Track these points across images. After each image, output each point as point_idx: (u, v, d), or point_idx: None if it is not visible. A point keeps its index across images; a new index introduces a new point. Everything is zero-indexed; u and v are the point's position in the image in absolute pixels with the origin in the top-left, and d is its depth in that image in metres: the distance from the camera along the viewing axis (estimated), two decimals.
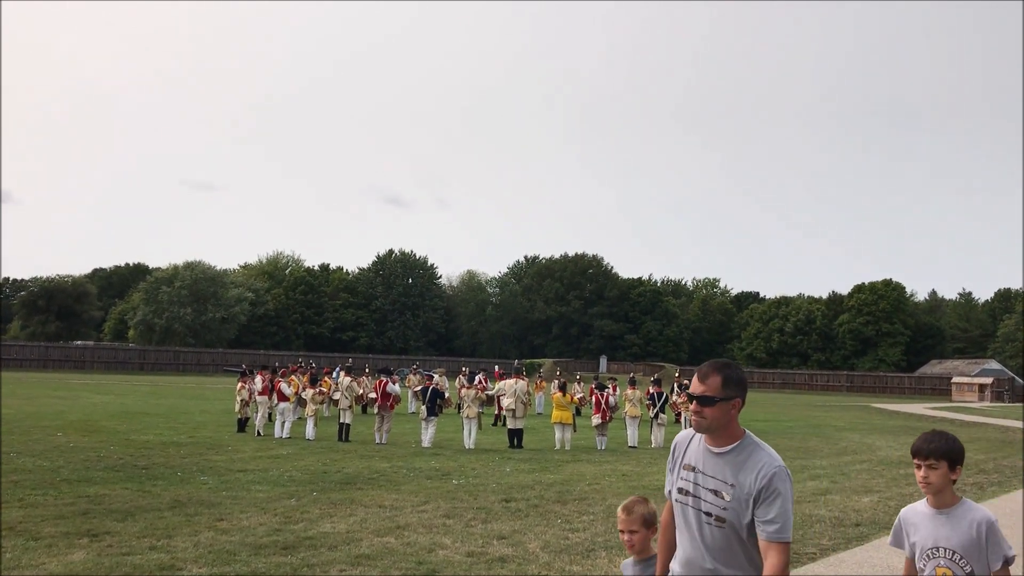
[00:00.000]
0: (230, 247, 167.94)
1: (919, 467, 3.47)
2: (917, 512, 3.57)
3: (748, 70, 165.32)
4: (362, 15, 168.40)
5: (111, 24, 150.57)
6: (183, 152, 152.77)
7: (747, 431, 3.19)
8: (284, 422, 19.81)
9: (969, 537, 3.36)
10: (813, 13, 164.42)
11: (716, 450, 3.16)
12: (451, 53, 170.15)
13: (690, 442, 3.31)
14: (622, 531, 3.80)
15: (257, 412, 20.93)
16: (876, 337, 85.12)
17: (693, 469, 3.21)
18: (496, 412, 25.50)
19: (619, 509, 3.82)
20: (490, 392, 26.55)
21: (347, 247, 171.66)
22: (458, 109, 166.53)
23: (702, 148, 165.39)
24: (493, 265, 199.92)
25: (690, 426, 3.33)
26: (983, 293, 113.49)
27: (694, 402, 3.13)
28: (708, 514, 3.10)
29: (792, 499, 3.06)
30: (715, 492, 3.10)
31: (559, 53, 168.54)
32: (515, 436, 19.24)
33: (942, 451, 3.42)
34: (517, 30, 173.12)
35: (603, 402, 19.80)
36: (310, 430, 19.44)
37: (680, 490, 3.24)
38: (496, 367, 36.62)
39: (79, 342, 75.33)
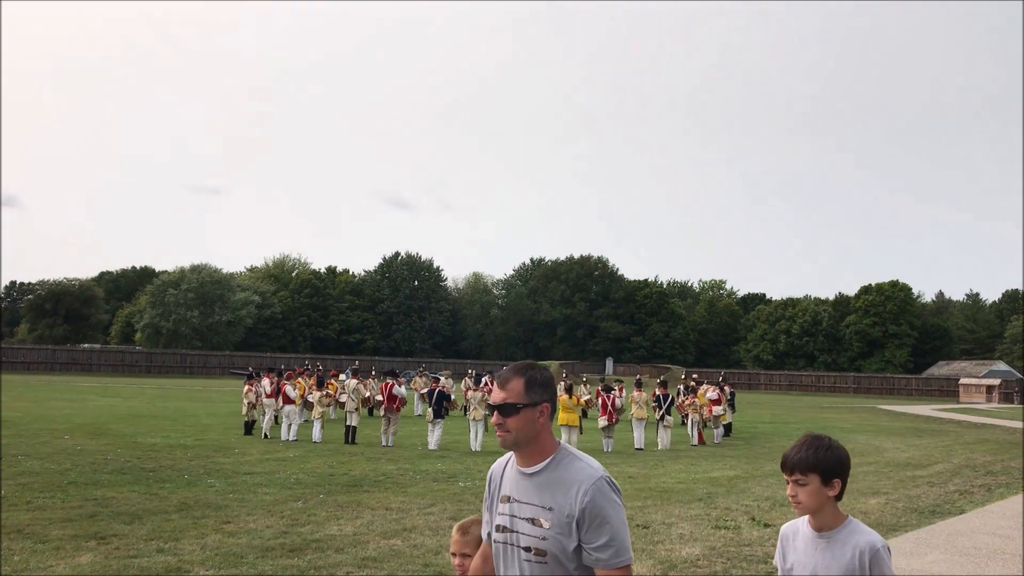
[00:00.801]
0: (236, 250, 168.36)
1: (787, 482, 2.90)
2: (798, 532, 2.98)
3: (755, 71, 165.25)
4: (367, 19, 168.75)
5: (117, 27, 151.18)
6: (189, 156, 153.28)
7: (561, 443, 2.72)
8: (291, 425, 19.84)
9: (851, 566, 2.79)
10: (820, 11, 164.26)
11: (528, 470, 2.68)
12: (455, 56, 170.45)
13: (505, 469, 2.80)
14: (454, 553, 3.23)
15: (264, 415, 20.97)
16: (883, 338, 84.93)
17: (509, 499, 2.71)
18: None
19: (455, 528, 3.26)
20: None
21: (353, 250, 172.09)
22: (462, 111, 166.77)
23: (708, 149, 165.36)
24: (499, 267, 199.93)
25: (692, 427, 3.17)
26: (990, 294, 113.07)
27: (494, 413, 2.67)
28: (527, 548, 2.61)
29: (624, 511, 2.62)
30: (532, 521, 2.62)
31: (564, 54, 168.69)
32: None
33: (809, 463, 2.82)
34: (522, 32, 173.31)
35: (609, 404, 19.78)
36: (317, 433, 19.47)
37: (498, 527, 2.73)
38: (504, 368, 36.60)
39: (86, 345, 75.55)
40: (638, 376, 28.68)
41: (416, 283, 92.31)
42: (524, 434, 2.66)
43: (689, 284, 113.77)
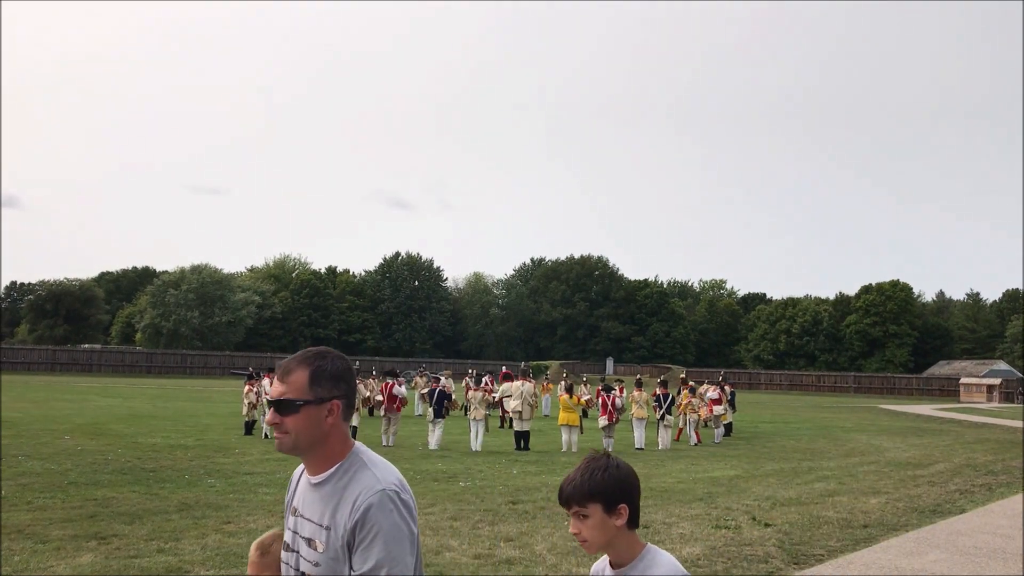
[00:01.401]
0: (237, 250, 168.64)
1: (568, 518, 2.41)
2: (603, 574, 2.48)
3: (755, 71, 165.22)
4: (367, 19, 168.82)
5: (117, 27, 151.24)
6: (190, 156, 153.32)
7: (358, 445, 2.29)
8: None
9: None
10: (820, 12, 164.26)
11: (314, 479, 2.27)
12: (456, 56, 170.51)
13: (302, 474, 2.38)
14: None
15: (264, 415, 20.95)
16: (884, 338, 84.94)
17: (296, 512, 2.32)
18: (500, 414, 25.46)
19: (252, 546, 2.52)
20: (496, 395, 26.54)
21: (353, 250, 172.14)
22: (462, 111, 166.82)
23: (709, 149, 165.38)
24: (499, 267, 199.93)
25: (691, 427, 2.87)
26: (991, 294, 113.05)
27: (270, 409, 2.26)
28: (303, 575, 2.22)
29: (410, 534, 2.16)
30: (308, 542, 2.22)
31: (565, 54, 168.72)
32: (522, 438, 19.23)
33: (587, 490, 2.33)
34: (523, 32, 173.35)
35: (610, 404, 19.79)
36: None
37: (285, 545, 2.34)
38: (503, 367, 36.62)
39: (86, 345, 75.58)
40: (638, 376, 28.67)
41: (416, 283, 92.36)
42: (306, 436, 2.22)
43: (689, 284, 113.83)
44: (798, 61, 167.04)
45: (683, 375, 22.92)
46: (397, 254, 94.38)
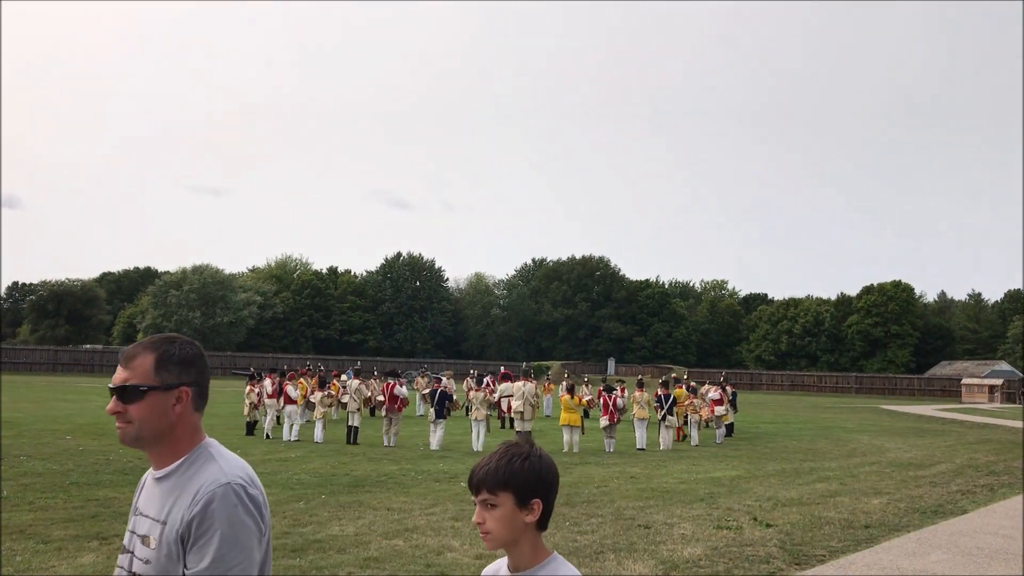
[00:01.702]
0: (238, 251, 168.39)
1: (475, 505, 2.17)
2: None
3: (756, 70, 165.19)
4: (368, 19, 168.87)
5: (117, 27, 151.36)
6: (191, 157, 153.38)
7: (208, 439, 2.15)
8: (292, 425, 19.87)
9: None
10: (820, 10, 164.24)
11: (158, 474, 2.11)
12: (456, 55, 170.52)
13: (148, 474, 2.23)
14: None
15: (266, 415, 20.99)
16: (885, 338, 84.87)
17: (137, 511, 2.15)
18: (498, 415, 25.41)
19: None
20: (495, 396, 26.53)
21: (355, 250, 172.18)
22: (463, 111, 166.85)
23: (710, 149, 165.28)
24: (500, 268, 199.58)
25: (692, 427, 2.66)
26: (993, 294, 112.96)
27: (112, 398, 2.08)
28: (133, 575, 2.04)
29: (257, 532, 2.01)
30: (143, 539, 2.04)
31: (565, 53, 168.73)
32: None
33: (502, 477, 2.09)
34: (523, 31, 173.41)
35: (611, 404, 19.79)
36: (318, 433, 19.48)
37: (121, 547, 2.16)
38: (502, 368, 36.61)
39: (88, 346, 75.63)
40: (640, 376, 28.66)
41: (418, 283, 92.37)
42: (151, 427, 2.04)
43: (691, 284, 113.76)
44: (799, 61, 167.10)
45: (674, 376, 22.90)
46: (398, 254, 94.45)
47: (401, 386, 20.00)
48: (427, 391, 24.33)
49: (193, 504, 1.96)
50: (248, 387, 21.57)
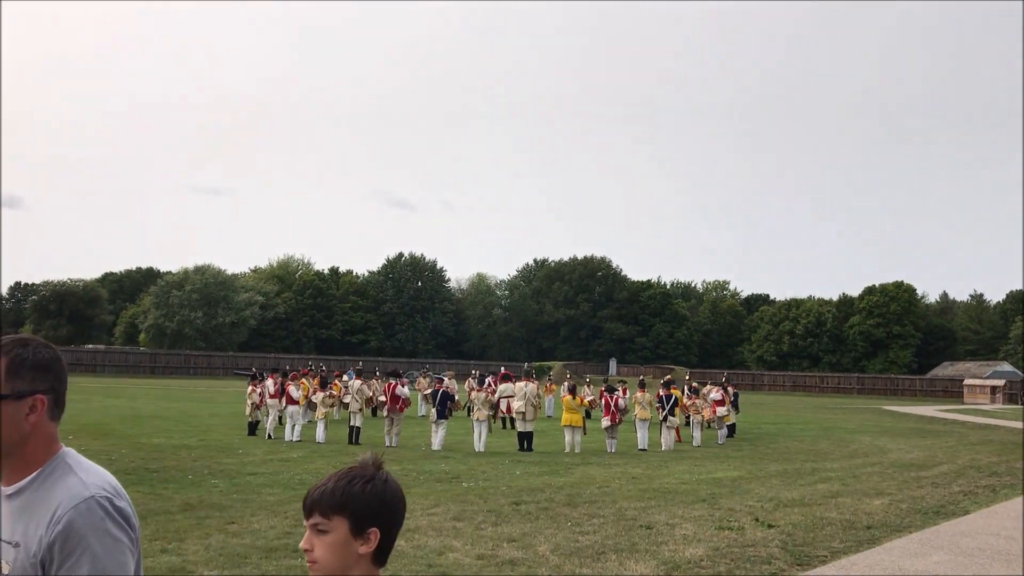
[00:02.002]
0: (240, 251, 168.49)
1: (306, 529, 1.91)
2: None
3: (759, 70, 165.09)
4: (369, 19, 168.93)
5: (118, 27, 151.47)
6: (193, 157, 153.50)
7: (65, 449, 1.93)
8: (294, 425, 19.89)
9: None
10: (829, 11, 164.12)
11: (8, 490, 1.90)
12: (458, 56, 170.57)
13: None
14: None
15: (268, 415, 21.01)
16: (887, 339, 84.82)
17: None
18: (496, 415, 25.34)
19: None
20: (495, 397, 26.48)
21: (356, 251, 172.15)
22: (465, 111, 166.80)
23: (711, 149, 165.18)
24: (502, 268, 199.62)
25: (695, 428, 2.53)
26: (995, 295, 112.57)
27: None
28: None
29: (129, 545, 1.83)
30: None
31: (566, 52, 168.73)
32: (525, 439, 19.25)
33: (338, 500, 1.86)
34: (523, 31, 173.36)
35: (613, 405, 19.80)
36: (320, 433, 19.49)
37: None
38: (502, 368, 36.61)
39: (90, 346, 75.72)
40: (641, 377, 28.66)
41: (419, 284, 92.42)
42: (6, 441, 1.84)
43: (692, 285, 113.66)
44: (803, 61, 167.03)
45: (667, 379, 22.92)
46: (400, 255, 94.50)
47: (403, 386, 20.02)
48: (429, 391, 24.34)
49: (53, 524, 1.78)
50: (250, 387, 21.60)
